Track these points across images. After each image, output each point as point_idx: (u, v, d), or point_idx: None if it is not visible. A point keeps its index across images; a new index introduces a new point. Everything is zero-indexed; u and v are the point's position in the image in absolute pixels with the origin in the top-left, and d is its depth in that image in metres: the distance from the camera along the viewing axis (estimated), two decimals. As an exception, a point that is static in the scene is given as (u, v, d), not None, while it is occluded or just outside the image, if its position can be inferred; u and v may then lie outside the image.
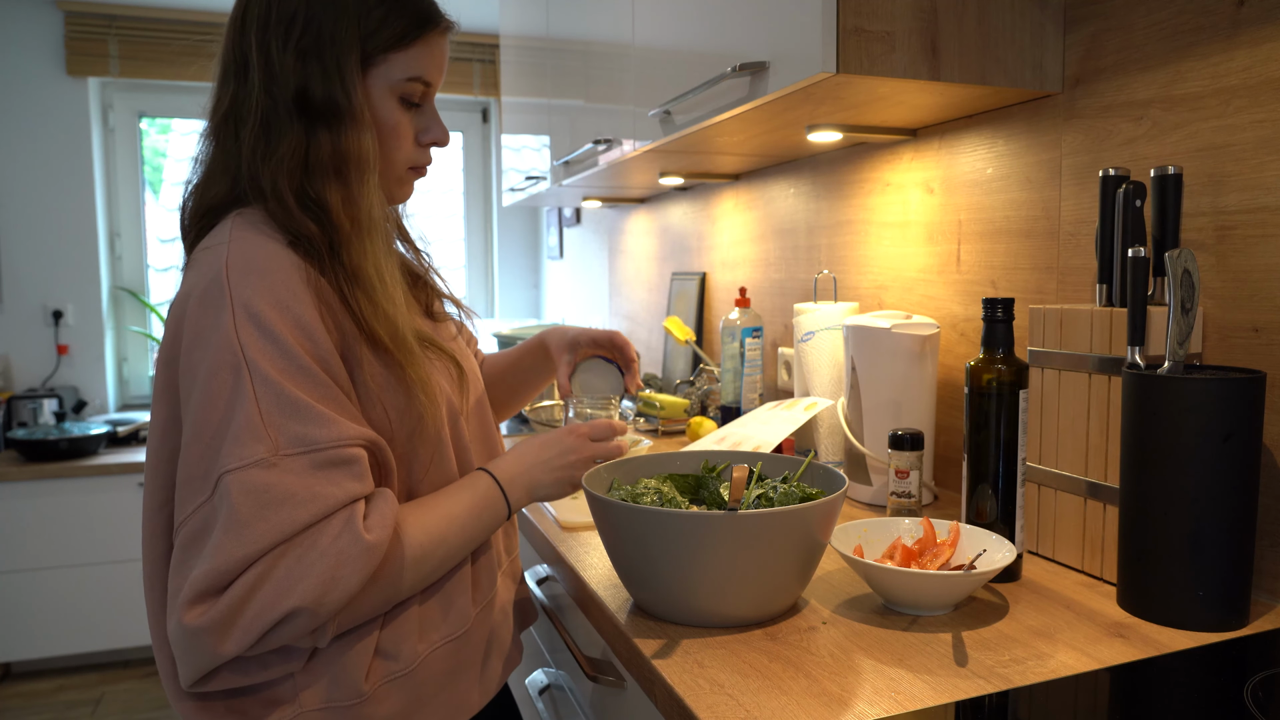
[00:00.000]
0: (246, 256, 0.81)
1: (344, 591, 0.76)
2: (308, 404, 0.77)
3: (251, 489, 0.74)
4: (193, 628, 0.73)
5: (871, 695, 0.76)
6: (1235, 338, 1.01)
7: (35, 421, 3.30)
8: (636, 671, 0.88)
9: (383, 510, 0.80)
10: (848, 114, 1.38)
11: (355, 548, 0.76)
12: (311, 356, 0.79)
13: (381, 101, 0.90)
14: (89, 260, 3.46)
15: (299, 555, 0.74)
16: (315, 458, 0.76)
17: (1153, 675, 0.81)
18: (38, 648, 3.05)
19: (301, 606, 0.74)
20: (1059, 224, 1.25)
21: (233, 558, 0.73)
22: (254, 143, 0.87)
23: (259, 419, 0.75)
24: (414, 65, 0.91)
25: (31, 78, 3.36)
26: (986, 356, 1.04)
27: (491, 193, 4.18)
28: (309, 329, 0.80)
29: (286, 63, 0.86)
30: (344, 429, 0.79)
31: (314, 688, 0.83)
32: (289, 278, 0.81)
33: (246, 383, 0.76)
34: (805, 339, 1.58)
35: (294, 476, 0.75)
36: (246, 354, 0.77)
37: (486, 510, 0.93)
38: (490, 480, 0.94)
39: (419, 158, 0.96)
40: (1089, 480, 1.05)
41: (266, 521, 0.74)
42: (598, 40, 1.92)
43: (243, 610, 0.73)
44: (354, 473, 0.78)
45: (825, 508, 0.90)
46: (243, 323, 0.77)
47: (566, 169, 2.17)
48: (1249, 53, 0.98)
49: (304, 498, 0.75)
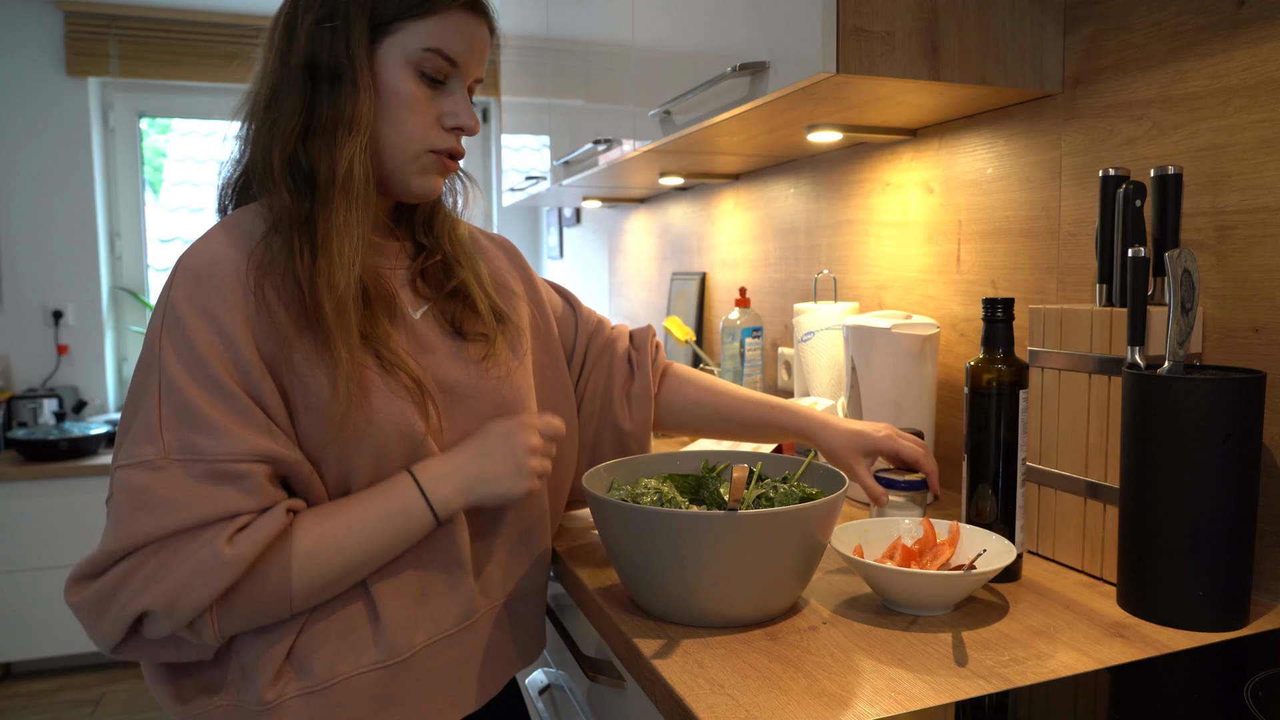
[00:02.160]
0: (196, 259, 0.83)
1: (195, 601, 0.76)
2: (204, 414, 0.78)
3: (131, 488, 0.77)
4: (72, 604, 0.79)
5: (871, 695, 0.76)
6: (1235, 338, 1.01)
7: (35, 421, 3.30)
8: (636, 671, 0.88)
9: (258, 526, 0.79)
10: (848, 114, 1.38)
11: (212, 561, 0.76)
12: (225, 365, 0.80)
13: (395, 71, 0.88)
14: (89, 260, 3.46)
15: (163, 559, 0.77)
16: (200, 468, 0.77)
17: (1153, 675, 0.81)
18: (38, 648, 3.06)
19: (152, 609, 0.76)
20: (1059, 224, 1.25)
21: (106, 550, 0.77)
22: (263, 114, 0.88)
23: (156, 421, 0.78)
24: (431, 36, 0.88)
25: (31, 78, 3.36)
26: (986, 356, 1.04)
27: (491, 193, 4.18)
28: (229, 338, 0.80)
29: (303, 33, 0.86)
30: (237, 443, 0.78)
31: (231, 683, 0.85)
32: (223, 284, 0.81)
33: (155, 384, 0.79)
34: (805, 339, 1.58)
35: (176, 482, 0.77)
36: (161, 356, 0.79)
37: (399, 513, 0.86)
38: (408, 480, 0.87)
39: (439, 140, 0.91)
40: (1089, 480, 1.05)
41: (137, 521, 0.76)
42: (598, 40, 1.92)
43: (111, 600, 0.77)
44: (242, 488, 0.79)
45: (825, 508, 0.90)
46: (168, 325, 0.80)
47: (566, 169, 2.17)
48: (1249, 53, 0.98)
49: (180, 504, 0.76)
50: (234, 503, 0.78)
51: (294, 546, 0.81)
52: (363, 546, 0.85)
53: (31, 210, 3.39)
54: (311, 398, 0.84)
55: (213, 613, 0.79)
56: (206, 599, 0.77)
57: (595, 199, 2.75)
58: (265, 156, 0.86)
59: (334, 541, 0.83)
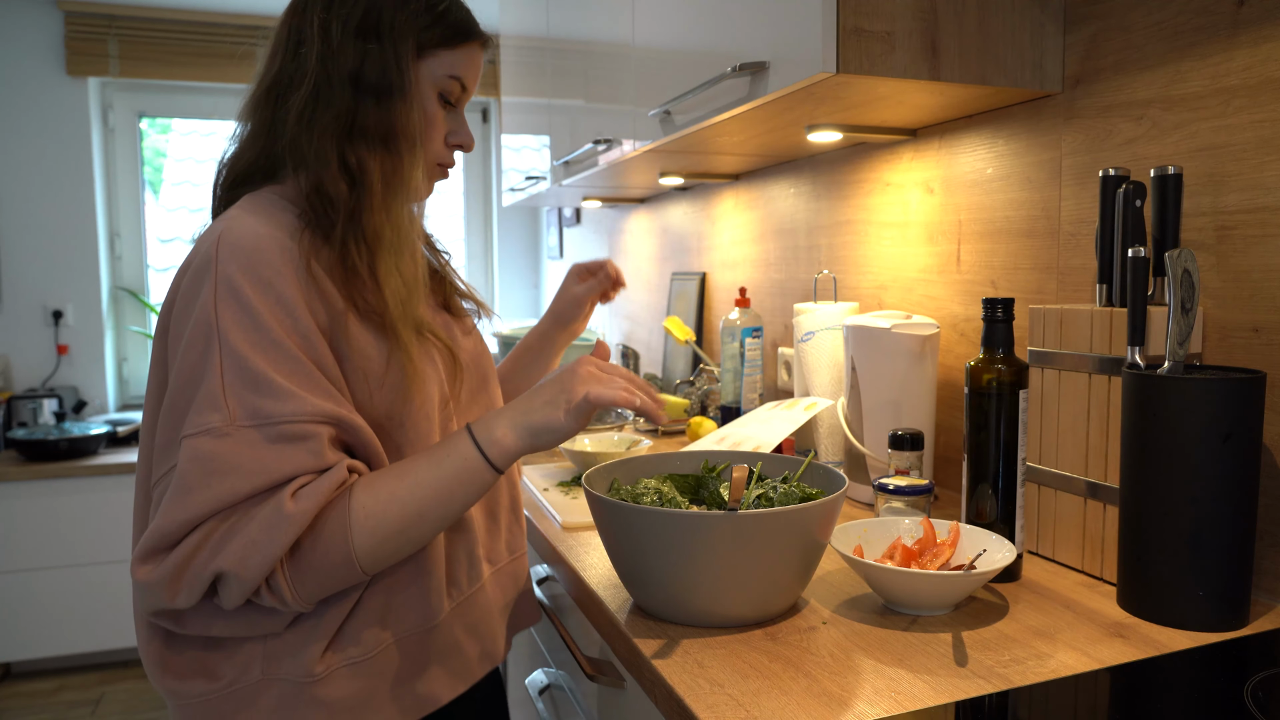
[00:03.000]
0: (238, 235, 0.84)
1: (263, 558, 0.77)
2: (270, 378, 0.79)
3: (200, 456, 0.77)
4: (141, 584, 0.78)
5: (871, 695, 0.76)
6: (1235, 338, 1.01)
7: (35, 421, 3.30)
8: (636, 671, 0.88)
9: (319, 482, 0.80)
10: (848, 114, 1.38)
11: (276, 516, 0.78)
12: (287, 332, 0.82)
13: (426, 93, 0.96)
14: (89, 260, 3.46)
15: (234, 523, 0.78)
16: (268, 431, 0.78)
17: (1153, 675, 0.81)
18: (38, 648, 3.05)
19: (225, 570, 0.77)
20: (1059, 224, 1.25)
21: (175, 520, 0.77)
22: (301, 109, 0.91)
23: (220, 389, 0.78)
24: (457, 65, 0.97)
25: (31, 78, 3.36)
26: (986, 356, 1.04)
27: (491, 193, 4.18)
28: (289, 306, 0.83)
29: (346, 41, 0.91)
30: (303, 404, 0.80)
31: (276, 658, 0.86)
32: (274, 259, 0.84)
33: (215, 353, 0.79)
34: (805, 339, 1.58)
35: (244, 447, 0.78)
36: (220, 325, 0.80)
37: (448, 457, 0.87)
38: (462, 428, 0.89)
39: (444, 156, 1.01)
40: (1089, 480, 1.05)
41: (209, 489, 0.77)
42: (598, 40, 1.92)
43: (185, 571, 0.78)
44: (308, 449, 0.80)
45: (825, 508, 0.90)
46: (222, 296, 0.81)
47: (566, 169, 2.17)
48: (1249, 53, 0.98)
49: (250, 469, 0.77)
50: (301, 463, 0.79)
51: (352, 502, 0.82)
52: (416, 495, 0.85)
53: (31, 210, 3.39)
54: (364, 367, 0.87)
55: (284, 572, 0.80)
56: (273, 555, 0.77)
57: (595, 199, 2.75)
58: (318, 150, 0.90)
59: (388, 492, 0.84)
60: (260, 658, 0.86)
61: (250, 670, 0.86)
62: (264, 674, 0.86)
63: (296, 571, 0.80)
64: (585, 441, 1.70)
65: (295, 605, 0.82)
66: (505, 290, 4.18)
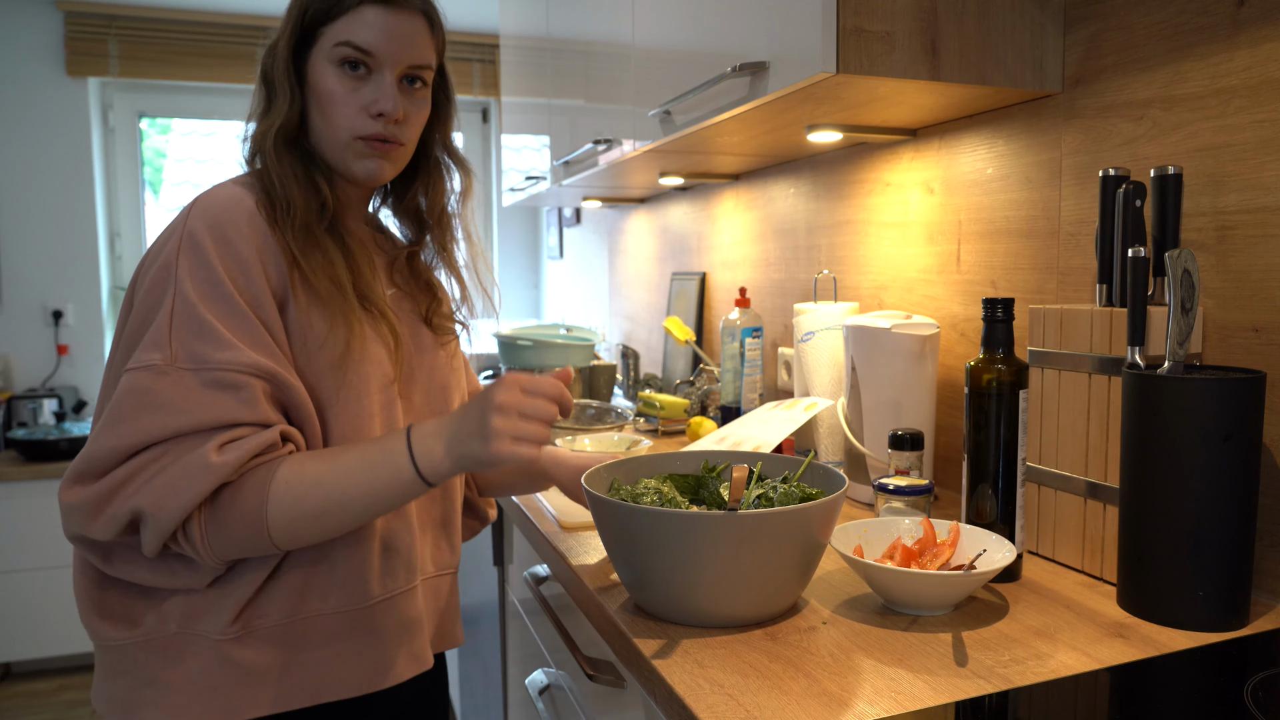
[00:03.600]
0: (209, 198, 0.90)
1: (180, 503, 0.79)
2: (214, 327, 0.83)
3: (136, 389, 0.81)
4: (67, 505, 0.82)
5: (871, 695, 0.76)
6: (1235, 338, 1.01)
7: (35, 421, 3.30)
8: (636, 671, 0.88)
9: (248, 441, 0.83)
10: (848, 114, 1.38)
11: (199, 463, 0.80)
12: (239, 290, 0.86)
13: (321, 72, 0.96)
14: (89, 260, 3.46)
15: (161, 463, 0.81)
16: (204, 375, 0.82)
17: (1153, 675, 0.81)
18: (38, 648, 3.05)
19: (142, 508, 0.80)
20: (1059, 224, 1.25)
21: (104, 447, 0.80)
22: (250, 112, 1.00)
23: (168, 331, 0.83)
24: (341, 33, 0.95)
25: (31, 78, 3.36)
26: (986, 356, 1.04)
27: (491, 192, 4.18)
28: (245, 265, 0.87)
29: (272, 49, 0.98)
30: (241, 355, 0.83)
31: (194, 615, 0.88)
32: (239, 219, 0.88)
33: (170, 298, 0.84)
34: (805, 339, 1.58)
35: (179, 388, 0.81)
36: (177, 273, 0.85)
37: (381, 460, 0.86)
38: (400, 432, 0.88)
39: (364, 127, 0.96)
40: (1089, 480, 1.05)
41: (138, 421, 0.80)
42: (598, 40, 1.92)
43: (109, 501, 0.81)
44: (240, 398, 0.83)
45: (825, 508, 0.90)
46: (184, 249, 0.86)
47: (566, 169, 2.17)
48: (1249, 53, 0.98)
49: (180, 408, 0.81)
50: (232, 411, 0.82)
51: (276, 472, 0.84)
52: (341, 485, 0.85)
53: (31, 210, 3.39)
54: (309, 334, 0.91)
55: (200, 522, 0.82)
56: (189, 502, 0.80)
57: (595, 199, 2.75)
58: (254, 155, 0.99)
59: (313, 474, 0.85)
60: (179, 613, 0.88)
61: (167, 623, 0.88)
62: (180, 628, 0.88)
63: (212, 524, 0.82)
64: (585, 441, 1.70)
65: (207, 558, 0.83)
66: (505, 290, 4.18)
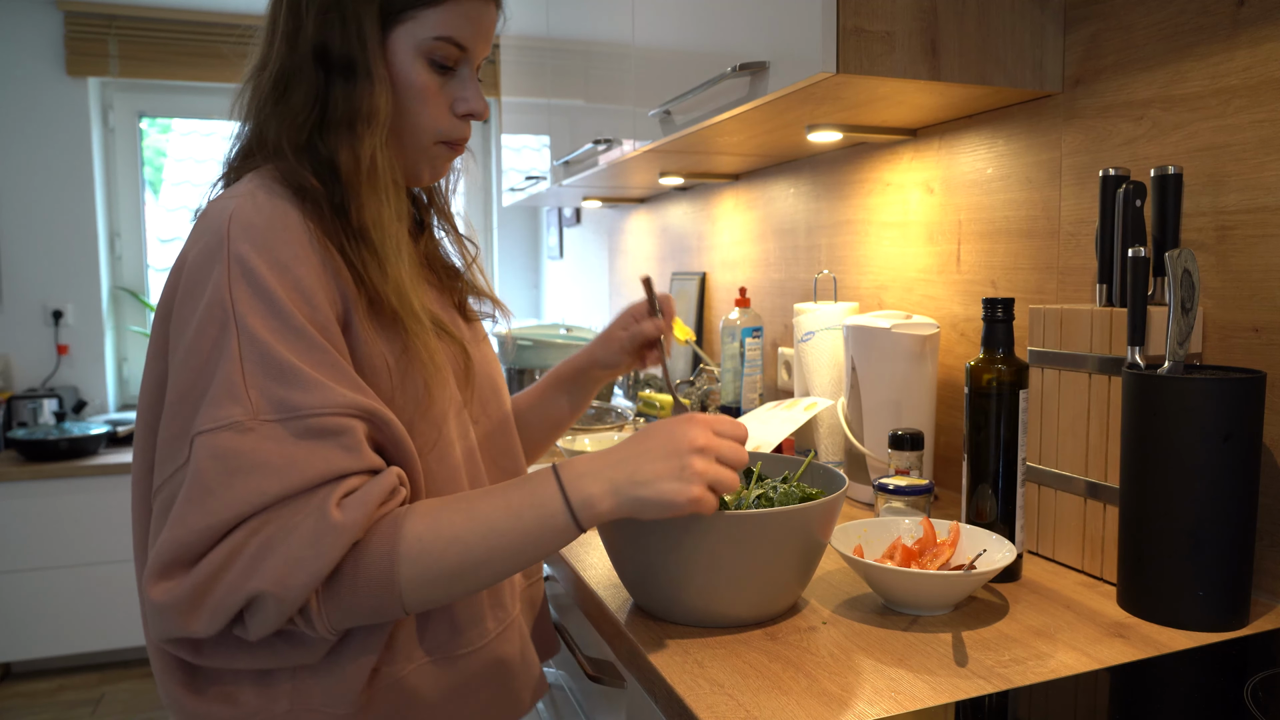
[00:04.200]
0: (251, 212, 0.76)
1: (308, 575, 0.68)
2: (296, 367, 0.71)
3: (220, 454, 0.68)
4: (158, 604, 0.68)
5: (871, 695, 0.76)
6: (1235, 338, 1.01)
7: (35, 421, 3.30)
8: (636, 671, 0.88)
9: (367, 490, 0.71)
10: (848, 114, 1.38)
11: (322, 526, 0.68)
12: (307, 319, 0.73)
13: (406, 61, 0.84)
14: (89, 260, 3.46)
15: (268, 534, 0.68)
16: (296, 425, 0.69)
17: (1153, 675, 0.81)
18: (38, 648, 3.05)
19: (264, 590, 0.67)
20: (1059, 224, 1.25)
21: (194, 528, 0.67)
22: (267, 94, 0.84)
23: (240, 379, 0.69)
24: (442, 24, 0.84)
25: (31, 78, 3.36)
26: (986, 356, 1.04)
27: (491, 192, 4.18)
28: (307, 293, 0.74)
29: (310, 17, 0.82)
30: (333, 395, 0.71)
31: (311, 688, 0.77)
32: (293, 237, 0.75)
33: (232, 340, 0.70)
34: (805, 339, 1.58)
35: (270, 444, 0.68)
36: (236, 309, 0.71)
37: (530, 508, 0.75)
38: (548, 473, 0.78)
39: (452, 129, 0.89)
40: (1089, 480, 1.05)
41: (232, 490, 0.67)
42: (598, 40, 1.92)
43: (210, 590, 0.68)
44: (342, 444, 0.71)
45: (825, 508, 0.90)
46: (236, 278, 0.72)
47: (566, 169, 2.17)
48: (1249, 53, 0.98)
49: (277, 466, 0.68)
50: (336, 462, 0.70)
51: (404, 528, 0.72)
52: (484, 540, 0.74)
53: (31, 210, 3.39)
54: (377, 360, 0.79)
55: (319, 596, 0.70)
56: (319, 573, 0.68)
57: (595, 199, 2.75)
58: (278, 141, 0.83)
59: (450, 529, 0.74)
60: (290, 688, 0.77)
61: (277, 703, 0.77)
62: (294, 705, 0.77)
63: (331, 595, 0.71)
64: (585, 441, 1.70)
65: (322, 631, 0.72)
66: (505, 290, 4.18)
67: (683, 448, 0.76)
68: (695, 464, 0.76)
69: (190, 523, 0.67)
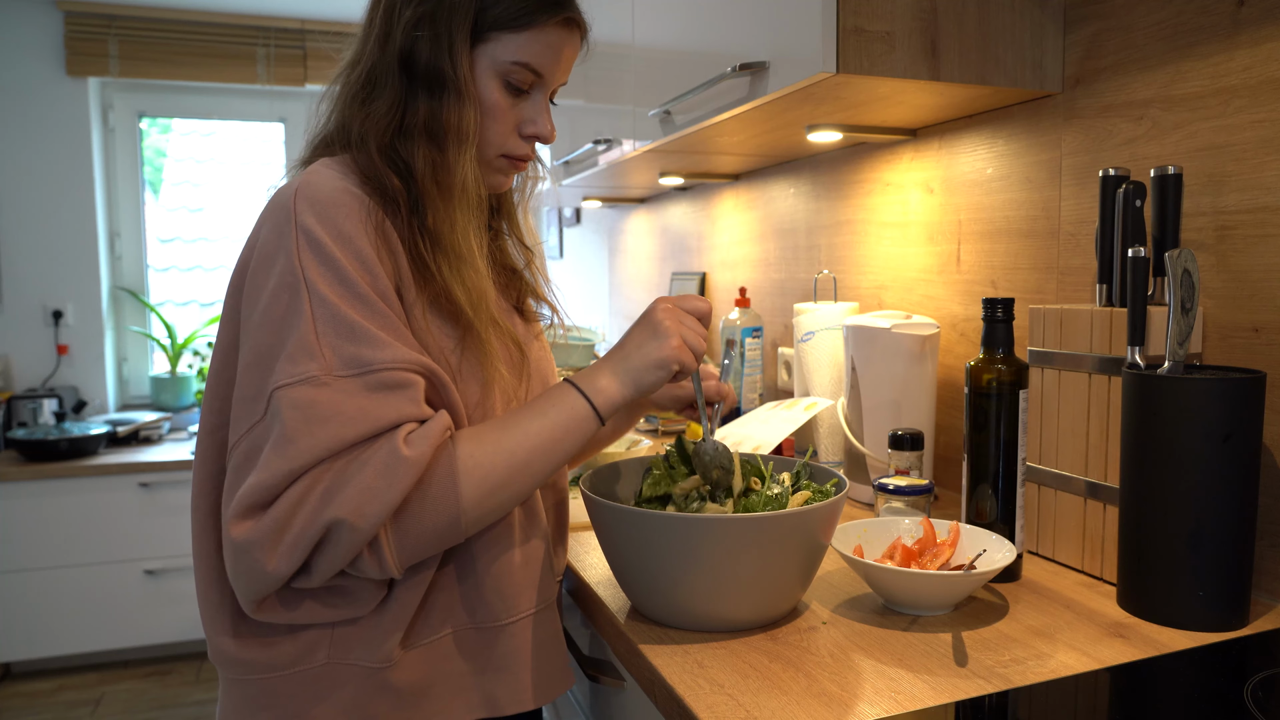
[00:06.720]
0: (314, 188, 0.82)
1: (382, 504, 0.75)
2: (364, 326, 0.78)
3: (300, 404, 0.75)
4: (240, 542, 0.75)
5: (871, 695, 0.76)
6: (1235, 338, 1.01)
7: (35, 421, 3.30)
8: (636, 671, 0.88)
9: (428, 429, 0.79)
10: (848, 114, 1.38)
11: (393, 458, 0.75)
12: (370, 287, 0.80)
13: (483, 79, 0.89)
14: (89, 260, 3.46)
15: (341, 468, 0.75)
16: (368, 379, 0.77)
17: (1153, 675, 0.81)
18: (38, 648, 3.06)
19: (340, 517, 0.74)
20: (1059, 224, 1.25)
21: (278, 472, 0.74)
22: (355, 91, 0.90)
23: (314, 338, 0.77)
24: (522, 50, 0.89)
25: (31, 78, 3.36)
26: (986, 356, 1.04)
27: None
28: (368, 263, 0.81)
29: (404, 23, 0.87)
30: (398, 352, 0.79)
31: (350, 641, 0.84)
32: (352, 213, 0.82)
33: (304, 303, 0.78)
34: (805, 339, 1.58)
35: (344, 396, 0.76)
36: (306, 276, 0.78)
37: (553, 406, 0.86)
38: (562, 382, 0.89)
39: (515, 148, 0.94)
40: (1089, 480, 1.05)
41: (313, 436, 0.74)
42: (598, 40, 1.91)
43: (289, 524, 0.74)
44: (408, 396, 0.79)
45: (826, 509, 0.90)
46: (304, 248, 0.79)
47: (566, 169, 2.17)
48: (1249, 53, 0.98)
49: (352, 416, 0.75)
50: (404, 410, 0.78)
51: (458, 450, 0.81)
52: (524, 445, 0.84)
53: (31, 210, 3.39)
54: (435, 353, 0.85)
55: (388, 530, 0.77)
56: (391, 502, 0.75)
57: (595, 199, 2.75)
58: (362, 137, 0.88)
59: (494, 443, 0.82)
60: (328, 643, 0.84)
61: (316, 653, 0.84)
62: (330, 658, 0.84)
63: (399, 526, 0.78)
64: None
65: (391, 566, 0.79)
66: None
67: (653, 320, 0.89)
68: (665, 322, 0.89)
69: (274, 467, 0.74)
